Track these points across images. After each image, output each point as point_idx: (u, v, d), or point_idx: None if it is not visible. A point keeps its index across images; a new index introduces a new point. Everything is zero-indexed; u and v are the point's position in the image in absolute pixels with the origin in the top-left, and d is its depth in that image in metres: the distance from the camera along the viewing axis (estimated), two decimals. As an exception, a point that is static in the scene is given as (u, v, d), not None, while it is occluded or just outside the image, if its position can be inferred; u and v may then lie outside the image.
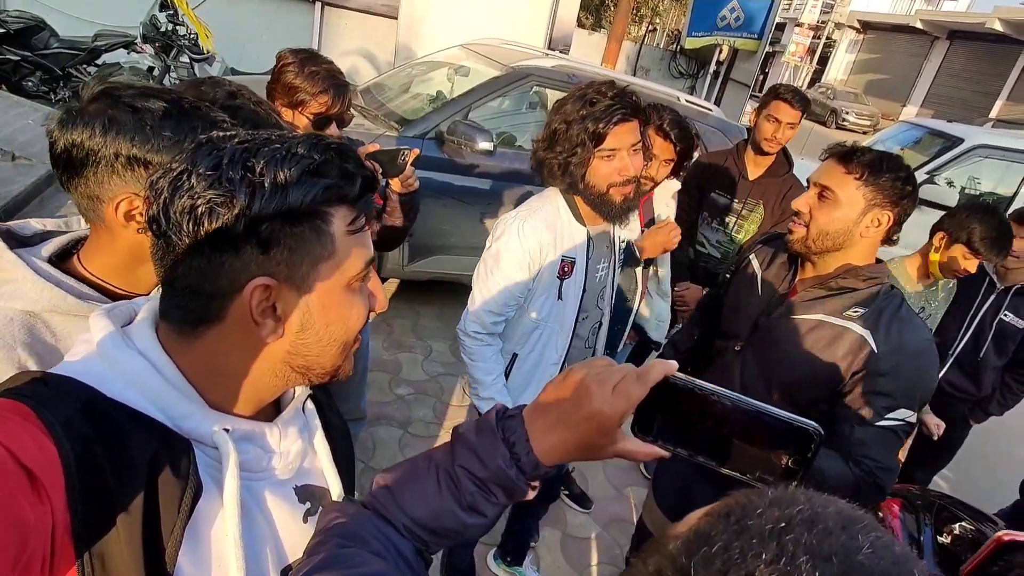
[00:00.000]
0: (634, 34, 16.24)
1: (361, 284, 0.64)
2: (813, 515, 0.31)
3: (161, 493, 0.54)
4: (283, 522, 0.67)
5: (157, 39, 5.59)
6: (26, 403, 0.51)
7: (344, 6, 7.84)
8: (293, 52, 1.67)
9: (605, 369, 0.61)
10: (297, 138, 0.59)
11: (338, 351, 0.64)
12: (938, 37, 22.66)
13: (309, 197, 0.56)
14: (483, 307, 1.62)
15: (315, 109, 1.65)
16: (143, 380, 0.58)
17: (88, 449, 0.51)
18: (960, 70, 22.01)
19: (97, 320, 0.62)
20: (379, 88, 4.32)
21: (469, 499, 0.62)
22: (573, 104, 1.47)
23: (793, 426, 0.55)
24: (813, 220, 1.38)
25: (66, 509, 0.48)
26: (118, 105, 0.80)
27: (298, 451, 0.70)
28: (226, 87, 1.12)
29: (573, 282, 1.63)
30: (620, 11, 9.32)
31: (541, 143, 1.55)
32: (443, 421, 3.08)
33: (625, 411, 0.58)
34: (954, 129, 5.98)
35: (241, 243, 0.55)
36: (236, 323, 0.59)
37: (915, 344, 1.31)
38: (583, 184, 1.51)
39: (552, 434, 0.60)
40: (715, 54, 9.75)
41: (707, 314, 1.80)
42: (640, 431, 0.60)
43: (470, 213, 3.69)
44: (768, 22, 8.34)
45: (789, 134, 2.58)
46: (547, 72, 3.80)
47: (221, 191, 0.54)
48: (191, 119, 0.83)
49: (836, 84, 24.80)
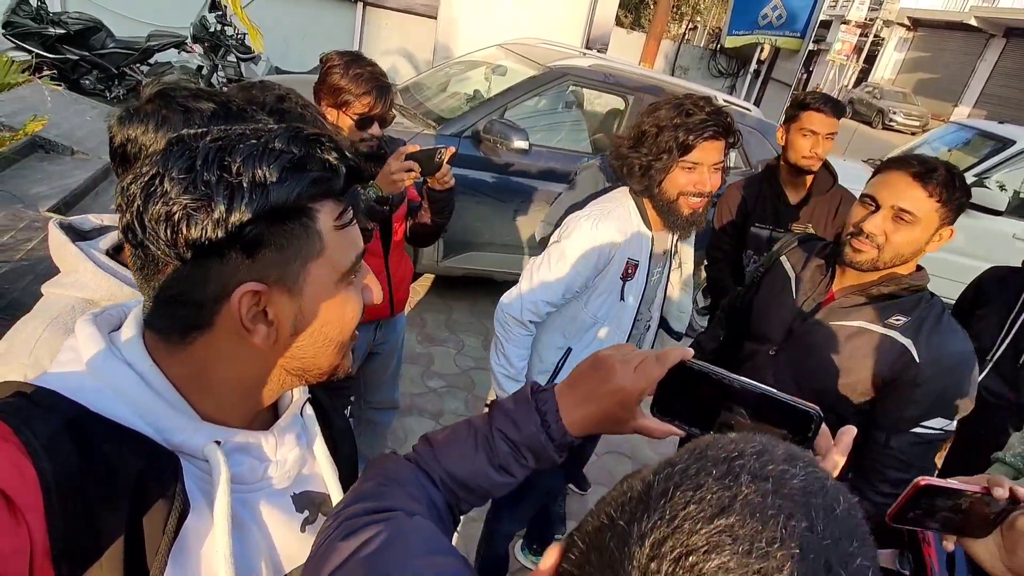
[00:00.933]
0: (673, 32, 16.05)
1: (354, 278, 0.62)
2: (763, 449, 0.36)
3: (146, 513, 0.52)
4: (279, 533, 0.65)
5: (206, 39, 5.81)
6: (6, 421, 0.49)
7: (385, 6, 7.98)
8: (339, 55, 1.74)
9: (629, 352, 0.68)
10: (274, 132, 0.56)
11: (335, 351, 0.63)
12: (994, 35, 21.74)
13: (294, 195, 0.53)
14: (543, 296, 1.64)
15: (359, 110, 1.71)
16: (130, 393, 0.56)
17: (70, 470, 0.49)
18: (1016, 69, 21.07)
19: (83, 327, 0.59)
20: (418, 87, 4.40)
21: (503, 459, 0.68)
22: (668, 111, 1.50)
23: (796, 408, 0.60)
24: (889, 243, 1.30)
25: (45, 533, 0.46)
26: (171, 105, 0.86)
27: (296, 458, 0.68)
28: (275, 91, 1.18)
29: (635, 284, 1.67)
30: (659, 9, 9.23)
31: (626, 141, 1.58)
32: (474, 413, 3.12)
33: (644, 388, 0.65)
34: (1005, 131, 5.75)
35: (225, 249, 0.52)
36: (226, 330, 0.56)
37: (956, 354, 1.30)
38: (658, 189, 1.54)
39: (579, 407, 0.67)
40: (756, 53, 9.59)
41: (734, 315, 1.79)
42: (659, 412, 0.66)
43: (504, 211, 3.73)
44: (812, 20, 8.16)
45: (828, 145, 2.29)
46: (584, 71, 3.82)
47: (197, 195, 0.51)
48: (237, 120, 0.89)
49: (883, 83, 24.04)
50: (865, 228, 1.31)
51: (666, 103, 1.52)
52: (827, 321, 1.41)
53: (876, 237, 1.30)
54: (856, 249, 1.33)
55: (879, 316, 1.35)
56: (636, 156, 1.54)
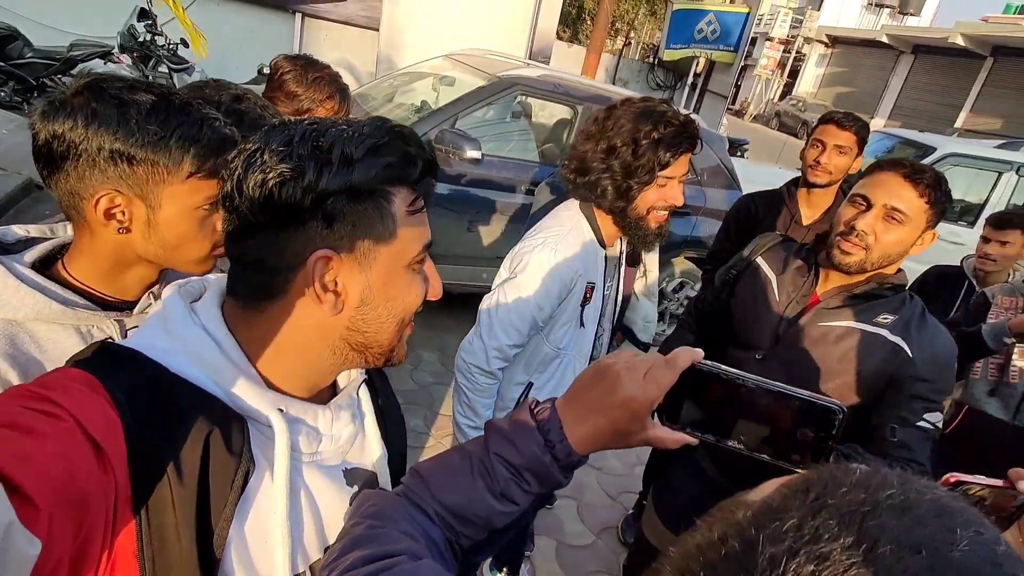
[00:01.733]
0: (610, 47, 16.46)
1: (419, 266, 0.66)
2: (905, 501, 0.28)
3: (216, 468, 0.56)
4: (330, 503, 0.68)
5: (135, 49, 5.52)
6: (93, 373, 0.53)
7: (324, 17, 7.82)
8: (290, 60, 1.66)
9: (633, 358, 0.63)
10: (363, 122, 0.61)
11: (396, 328, 0.66)
12: (903, 51, 23.40)
13: (372, 174, 0.58)
14: (507, 340, 1.52)
15: (321, 115, 1.63)
16: (205, 357, 0.59)
17: (149, 421, 0.53)
18: (925, 83, 22.74)
19: (168, 295, 0.64)
20: (363, 98, 4.32)
21: (503, 485, 0.62)
22: (640, 123, 1.37)
23: (817, 405, 0.57)
24: (879, 242, 1.30)
25: (127, 478, 0.50)
26: (103, 97, 0.78)
27: (349, 435, 0.71)
28: (231, 90, 1.10)
29: (592, 307, 1.58)
30: (598, 25, 9.45)
31: (595, 158, 1.43)
32: (433, 431, 3.04)
33: (656, 397, 0.60)
34: (925, 138, 6.16)
35: (307, 217, 0.57)
36: (299, 297, 0.60)
37: (945, 350, 1.33)
38: (630, 207, 1.44)
39: (585, 422, 0.62)
40: (692, 66, 9.94)
41: (703, 318, 1.77)
42: (668, 419, 0.61)
43: (459, 222, 3.68)
44: (744, 35, 8.54)
45: (839, 161, 2.17)
46: (533, 81, 3.83)
47: (291, 165, 0.56)
48: (180, 114, 0.81)
49: (807, 96, 25.41)
50: (857, 226, 1.30)
51: (628, 109, 1.42)
52: (815, 323, 1.39)
53: (867, 236, 1.30)
54: (845, 251, 1.33)
55: (866, 315, 1.35)
56: (609, 177, 1.41)
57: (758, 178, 4.67)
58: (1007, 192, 5.45)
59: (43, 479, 0.43)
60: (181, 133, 0.81)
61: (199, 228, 0.88)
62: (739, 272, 1.62)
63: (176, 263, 0.90)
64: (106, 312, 0.86)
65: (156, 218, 0.84)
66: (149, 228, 0.84)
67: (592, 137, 1.45)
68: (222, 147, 0.85)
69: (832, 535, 0.26)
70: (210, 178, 0.85)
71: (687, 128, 1.39)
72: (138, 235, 0.84)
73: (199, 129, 0.83)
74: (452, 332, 3.82)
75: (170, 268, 0.93)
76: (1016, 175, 5.42)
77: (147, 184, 0.81)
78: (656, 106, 1.41)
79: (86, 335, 0.84)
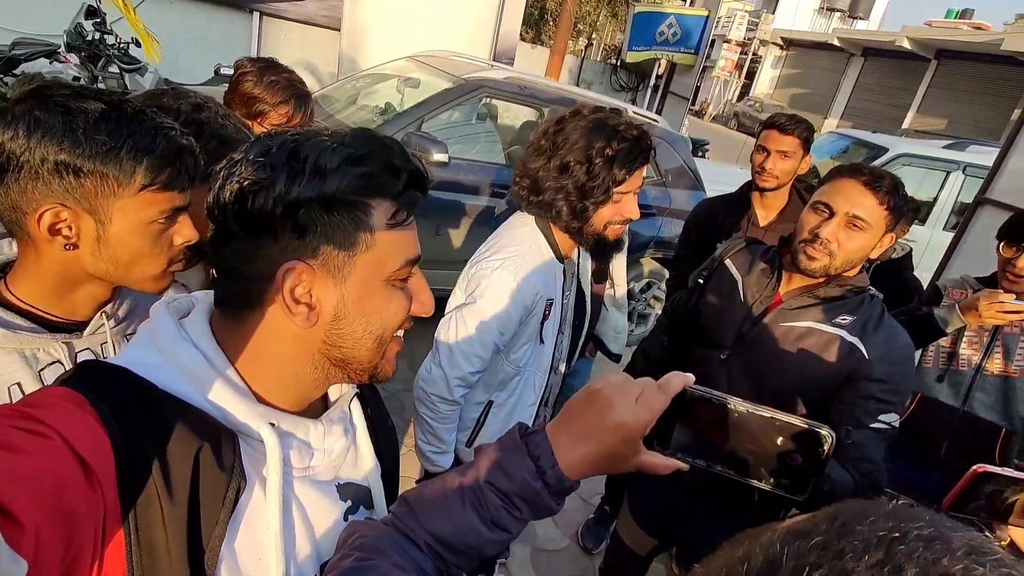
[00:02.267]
0: (573, 48, 16.57)
1: (403, 282, 0.65)
2: (935, 533, 0.27)
3: (206, 485, 0.55)
4: (323, 518, 0.67)
5: (83, 48, 5.28)
6: (79, 391, 0.52)
7: (283, 16, 7.65)
8: (252, 61, 1.61)
9: (624, 382, 0.62)
10: (347, 133, 0.60)
11: (373, 345, 0.64)
12: (853, 54, 24.21)
13: (344, 184, 0.57)
14: (469, 367, 1.47)
15: (275, 120, 1.58)
16: (195, 372, 0.59)
17: (138, 438, 0.52)
18: (874, 84, 23.56)
19: (157, 311, 0.63)
20: (325, 100, 4.23)
21: (494, 513, 0.61)
22: (593, 139, 1.32)
23: (806, 430, 0.56)
24: (842, 249, 1.33)
25: (116, 496, 0.50)
26: (47, 105, 0.73)
27: (341, 449, 0.70)
28: (191, 99, 1.05)
29: (551, 322, 1.54)
30: (561, 26, 9.49)
31: (548, 177, 1.37)
32: (404, 438, 3.00)
33: (648, 421, 0.59)
34: (878, 139, 6.38)
35: (279, 227, 0.57)
36: (274, 308, 0.60)
37: (902, 351, 1.36)
38: (587, 227, 1.40)
39: (576, 447, 0.60)
40: (654, 68, 10.07)
41: (677, 320, 1.79)
42: (659, 444, 0.60)
43: (426, 226, 3.64)
44: (704, 37, 8.68)
45: (784, 166, 2.22)
46: (498, 84, 3.82)
47: (264, 174, 0.56)
48: (131, 124, 0.77)
49: (763, 97, 26.06)
50: (822, 234, 1.34)
51: (579, 124, 1.36)
52: (777, 323, 1.43)
53: (831, 244, 1.33)
54: (810, 257, 1.36)
55: (826, 316, 1.39)
56: (564, 198, 1.36)
57: (720, 178, 4.76)
58: (955, 190, 5.68)
59: (29, 498, 0.43)
60: (133, 143, 0.76)
61: (154, 243, 0.83)
62: (709, 273, 1.65)
63: (129, 281, 0.85)
64: (53, 334, 0.81)
65: (106, 233, 0.79)
66: (99, 244, 0.79)
67: (543, 153, 1.39)
68: (178, 158, 0.81)
69: (857, 554, 0.26)
70: (165, 191, 0.80)
71: (641, 142, 1.35)
72: (87, 252, 0.79)
73: (152, 139, 0.78)
74: (420, 339, 3.76)
75: (123, 286, 0.88)
76: (963, 174, 5.65)
77: (95, 198, 0.76)
78: (608, 119, 1.36)
79: (30, 359, 0.79)
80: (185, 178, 0.83)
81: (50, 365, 0.81)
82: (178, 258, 0.88)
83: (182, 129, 0.84)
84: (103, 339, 0.87)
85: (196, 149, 0.85)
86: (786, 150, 2.21)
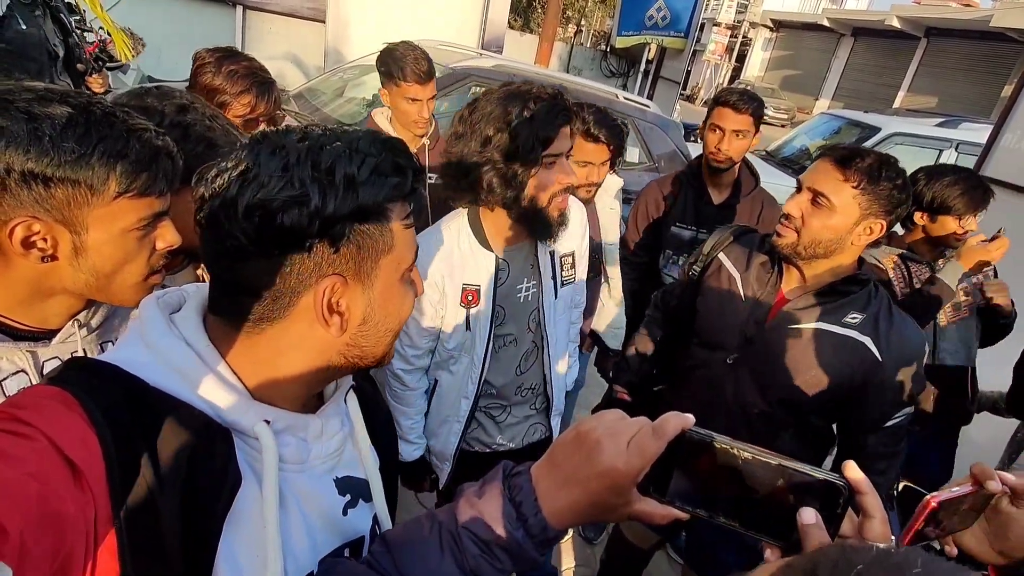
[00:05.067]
0: (562, 35, 16.46)
1: (409, 274, 0.66)
2: None
3: (200, 484, 0.54)
4: (321, 514, 0.66)
5: (63, 46, 5.19)
6: (68, 390, 0.50)
7: (267, 9, 7.56)
8: (210, 51, 1.55)
9: (617, 422, 0.56)
10: (354, 134, 0.59)
11: (391, 339, 0.66)
12: (843, 34, 24.12)
13: (381, 196, 0.58)
14: (400, 343, 1.52)
15: (239, 111, 1.53)
16: (187, 369, 0.57)
17: (128, 438, 0.51)
18: (864, 64, 23.51)
19: (146, 307, 0.61)
20: (312, 93, 4.18)
21: (472, 563, 0.56)
22: (509, 104, 1.29)
23: (818, 480, 0.51)
24: (806, 226, 1.29)
25: (108, 500, 0.48)
26: (9, 112, 0.68)
27: (339, 443, 0.70)
28: (176, 100, 1.00)
29: (479, 310, 1.50)
30: (550, 13, 9.39)
31: (471, 155, 1.32)
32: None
33: (640, 468, 0.54)
34: (870, 119, 6.35)
35: (313, 242, 0.56)
36: (300, 321, 0.59)
37: (914, 345, 1.34)
38: (525, 196, 1.34)
39: (562, 493, 0.55)
40: (644, 53, 9.99)
41: (672, 317, 1.74)
42: (655, 491, 0.55)
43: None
44: (693, 21, 8.61)
45: (739, 144, 2.17)
46: (487, 72, 3.77)
47: (296, 191, 0.54)
48: (102, 127, 0.73)
49: (754, 80, 25.98)
50: (785, 208, 1.33)
51: (491, 97, 1.33)
52: (785, 325, 1.38)
53: (795, 220, 1.31)
54: (779, 233, 1.35)
55: (835, 316, 1.34)
56: (491, 168, 1.31)
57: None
58: (948, 168, 5.66)
59: (12, 503, 0.42)
60: (104, 148, 0.72)
61: (136, 251, 0.80)
62: (703, 269, 1.59)
63: (110, 293, 0.81)
64: (16, 343, 0.78)
65: (84, 245, 0.75)
66: (77, 256, 0.76)
67: (462, 136, 1.35)
68: (154, 161, 0.77)
69: None
70: (142, 197, 0.77)
71: (557, 100, 1.31)
72: (66, 264, 0.76)
73: (125, 143, 0.74)
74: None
75: (102, 300, 0.84)
76: (956, 151, 5.65)
77: (68, 208, 0.73)
78: (519, 87, 1.33)
79: None
80: (163, 182, 0.79)
81: (13, 375, 0.78)
82: (158, 267, 0.84)
83: (157, 129, 0.80)
84: (73, 347, 0.84)
85: (174, 150, 0.81)
86: (740, 129, 2.14)
